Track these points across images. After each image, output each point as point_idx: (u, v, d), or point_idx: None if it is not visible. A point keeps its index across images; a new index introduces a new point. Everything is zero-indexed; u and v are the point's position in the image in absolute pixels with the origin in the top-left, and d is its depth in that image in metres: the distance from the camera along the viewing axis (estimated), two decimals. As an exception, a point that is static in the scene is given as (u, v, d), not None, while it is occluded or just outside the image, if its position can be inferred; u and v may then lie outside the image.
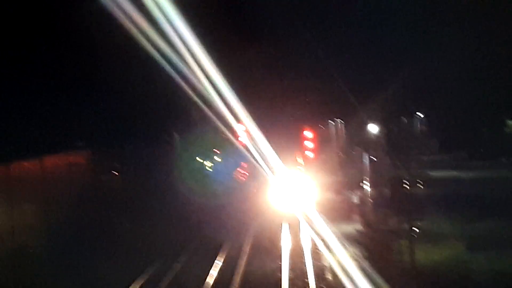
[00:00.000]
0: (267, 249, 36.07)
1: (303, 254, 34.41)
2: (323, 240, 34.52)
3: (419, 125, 59.17)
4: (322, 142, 66.95)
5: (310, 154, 62.59)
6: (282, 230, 41.63)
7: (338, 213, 42.81)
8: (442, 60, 52.73)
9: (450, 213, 37.72)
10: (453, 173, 57.77)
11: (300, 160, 68.13)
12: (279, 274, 31.01)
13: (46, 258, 30.56)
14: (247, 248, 36.45)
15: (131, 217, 42.38)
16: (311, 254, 34.11)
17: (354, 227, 34.51)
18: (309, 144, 61.12)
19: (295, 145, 68.63)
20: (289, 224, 42.66)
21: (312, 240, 36.51)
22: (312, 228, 37.51)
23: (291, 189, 48.13)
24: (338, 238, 34.92)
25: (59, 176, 39.27)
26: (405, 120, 56.67)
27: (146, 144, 57.10)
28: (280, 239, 38.98)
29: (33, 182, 34.45)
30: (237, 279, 29.99)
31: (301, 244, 36.77)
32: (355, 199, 44.33)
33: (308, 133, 60.93)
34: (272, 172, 44.89)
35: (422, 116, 62.17)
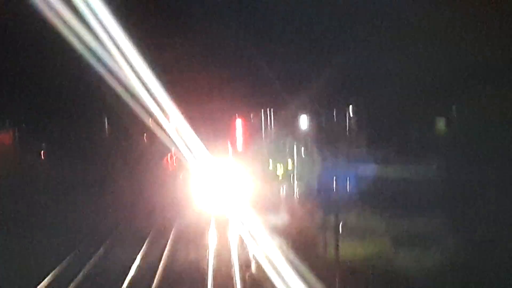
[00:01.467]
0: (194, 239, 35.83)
1: (229, 244, 34.13)
2: (249, 231, 34.30)
3: (348, 119, 59.49)
4: (253, 133, 66.77)
5: (240, 145, 62.29)
6: (210, 222, 41.23)
7: (265, 205, 42.60)
8: (375, 52, 52.92)
9: (376, 210, 37.86)
10: (380, 170, 58.19)
11: (230, 150, 67.84)
12: (205, 264, 30.86)
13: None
14: (174, 235, 36.26)
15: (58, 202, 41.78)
16: (237, 245, 33.80)
17: (281, 219, 34.44)
18: (239, 135, 60.81)
19: (226, 136, 68.28)
20: (216, 216, 42.26)
21: (238, 231, 36.26)
22: (239, 219, 37.22)
23: (220, 180, 47.79)
24: (265, 230, 34.77)
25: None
26: (335, 113, 56.93)
27: (75, 124, 55.93)
28: (208, 230, 38.57)
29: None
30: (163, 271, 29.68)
31: (227, 235, 36.43)
32: (283, 191, 44.20)
33: (238, 123, 60.62)
34: (200, 162, 44.44)
35: (351, 109, 62.47)
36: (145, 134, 50.53)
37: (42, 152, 60.65)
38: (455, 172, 37.55)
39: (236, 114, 61.51)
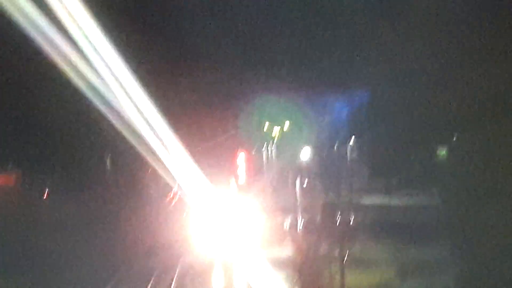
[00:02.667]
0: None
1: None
2: (254, 263, 34.13)
3: (350, 152, 59.67)
4: (256, 165, 66.85)
5: (243, 179, 62.28)
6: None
7: (269, 237, 42.51)
8: (375, 85, 53.34)
9: (380, 240, 37.87)
10: (384, 200, 58.17)
11: (233, 184, 67.81)
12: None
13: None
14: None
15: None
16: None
17: (286, 252, 34.36)
18: (242, 168, 60.82)
19: (228, 169, 68.35)
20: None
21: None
22: (243, 251, 37.01)
23: (223, 213, 47.69)
24: (269, 263, 34.70)
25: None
26: (336, 146, 57.19)
27: (77, 168, 56.06)
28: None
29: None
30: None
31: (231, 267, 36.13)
32: (287, 224, 44.10)
33: (241, 157, 60.68)
34: (204, 198, 44.32)
35: (353, 142, 62.68)
36: (148, 171, 50.63)
37: (44, 191, 60.76)
38: (456, 200, 37.70)
39: (239, 147, 61.62)
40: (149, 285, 34.78)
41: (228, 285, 33.78)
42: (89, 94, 31.53)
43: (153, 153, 39.67)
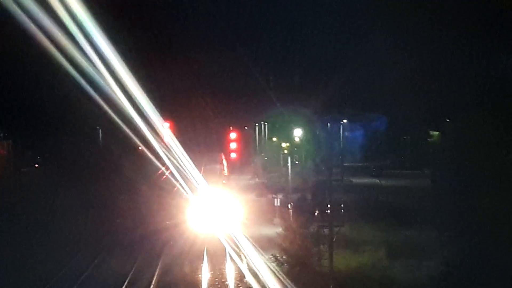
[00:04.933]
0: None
1: (225, 255, 34.06)
2: (244, 242, 34.19)
3: (343, 132, 59.80)
4: (247, 144, 66.94)
5: (234, 155, 62.42)
6: (204, 231, 40.90)
7: (260, 216, 42.62)
8: (370, 70, 53.33)
9: (370, 220, 38.04)
10: (375, 181, 58.43)
11: (224, 161, 68.04)
12: (200, 275, 31.13)
13: None
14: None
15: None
16: (232, 255, 33.64)
17: (275, 230, 34.41)
18: (233, 145, 60.93)
19: (220, 146, 68.55)
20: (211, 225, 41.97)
21: (234, 242, 36.06)
22: (234, 230, 37.04)
23: (214, 191, 47.71)
24: (259, 241, 34.83)
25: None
26: (329, 126, 57.16)
27: (69, 137, 56.09)
28: (202, 239, 38.29)
29: None
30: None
31: (223, 246, 36.15)
32: (277, 202, 44.11)
33: (232, 134, 60.76)
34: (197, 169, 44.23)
35: (347, 123, 62.82)
36: (139, 149, 50.50)
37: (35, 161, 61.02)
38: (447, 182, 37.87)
39: (230, 127, 61.78)
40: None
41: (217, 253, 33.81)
42: (82, 72, 31.52)
43: (145, 131, 39.60)
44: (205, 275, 31.56)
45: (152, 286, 29.83)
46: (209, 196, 37.49)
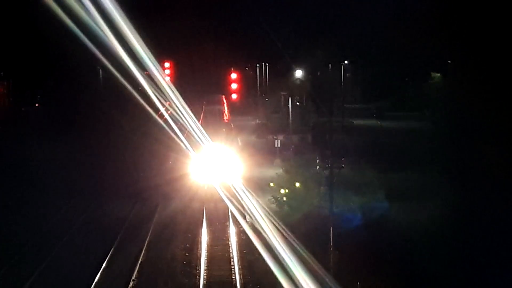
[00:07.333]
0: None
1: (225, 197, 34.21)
2: (245, 182, 34.31)
3: (344, 73, 59.52)
4: (247, 84, 66.67)
5: (235, 96, 62.29)
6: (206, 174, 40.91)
7: (260, 157, 42.70)
8: (372, 11, 52.89)
9: (370, 162, 38.09)
10: (375, 122, 58.28)
11: (224, 99, 68.05)
12: (202, 215, 31.74)
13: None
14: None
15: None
16: (234, 194, 33.75)
17: (275, 171, 34.52)
18: (233, 86, 60.74)
19: (221, 88, 68.37)
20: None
21: (234, 184, 36.18)
22: (235, 171, 37.10)
23: (216, 129, 47.86)
24: (260, 182, 35.04)
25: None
26: (330, 67, 56.86)
27: (69, 78, 55.96)
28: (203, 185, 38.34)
29: None
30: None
31: (226, 184, 36.16)
32: (278, 144, 44.04)
33: (233, 75, 60.48)
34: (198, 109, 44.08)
35: (348, 64, 62.46)
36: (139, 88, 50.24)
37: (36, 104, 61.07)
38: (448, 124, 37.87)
39: (232, 68, 61.39)
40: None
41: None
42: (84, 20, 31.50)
43: (146, 71, 39.45)
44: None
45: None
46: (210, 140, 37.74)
